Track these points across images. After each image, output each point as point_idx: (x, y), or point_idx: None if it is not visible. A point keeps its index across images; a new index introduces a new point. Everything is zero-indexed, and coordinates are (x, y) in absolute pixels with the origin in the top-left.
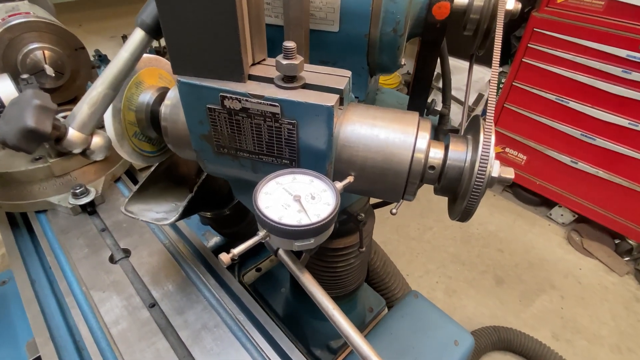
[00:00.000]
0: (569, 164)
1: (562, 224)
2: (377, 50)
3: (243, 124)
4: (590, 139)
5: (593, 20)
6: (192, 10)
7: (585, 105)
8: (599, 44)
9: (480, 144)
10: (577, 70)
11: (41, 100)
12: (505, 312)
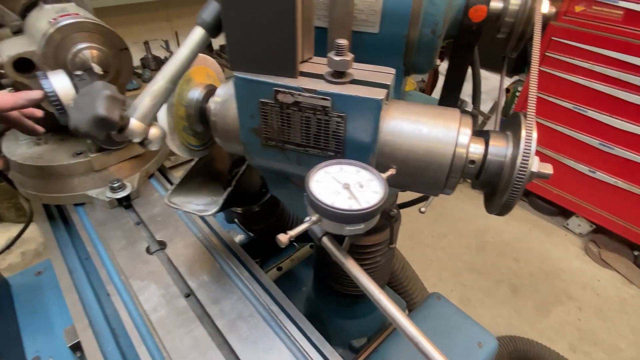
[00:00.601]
0: (587, 173)
1: (579, 234)
2: (414, 50)
3: (293, 118)
4: (609, 148)
5: (612, 30)
6: (254, 12)
7: (604, 114)
8: (617, 52)
9: (522, 140)
10: (595, 79)
11: (111, 91)
12: (521, 322)
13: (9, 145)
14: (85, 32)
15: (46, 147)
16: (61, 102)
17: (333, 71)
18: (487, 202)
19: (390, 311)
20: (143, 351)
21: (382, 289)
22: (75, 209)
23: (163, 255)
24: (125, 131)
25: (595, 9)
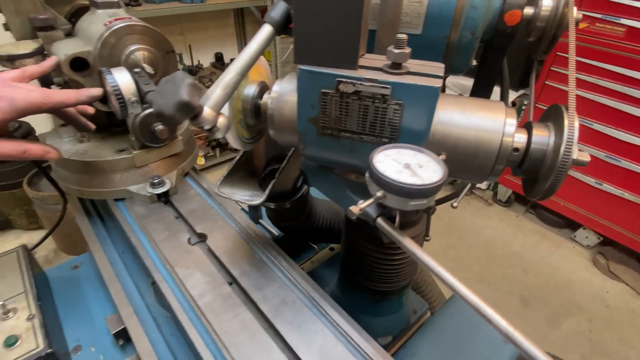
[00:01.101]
0: (593, 185)
1: (587, 246)
2: (454, 51)
3: (352, 106)
4: (615, 160)
5: (615, 46)
6: (324, 10)
7: (610, 127)
8: (621, 67)
9: (566, 129)
10: (600, 93)
11: (192, 80)
12: (532, 333)
13: (53, 143)
14: (137, 35)
15: (89, 145)
16: (123, 95)
17: (391, 63)
18: (527, 188)
19: (451, 281)
20: (194, 334)
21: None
22: (116, 204)
23: (204, 246)
24: (199, 118)
25: (599, 25)
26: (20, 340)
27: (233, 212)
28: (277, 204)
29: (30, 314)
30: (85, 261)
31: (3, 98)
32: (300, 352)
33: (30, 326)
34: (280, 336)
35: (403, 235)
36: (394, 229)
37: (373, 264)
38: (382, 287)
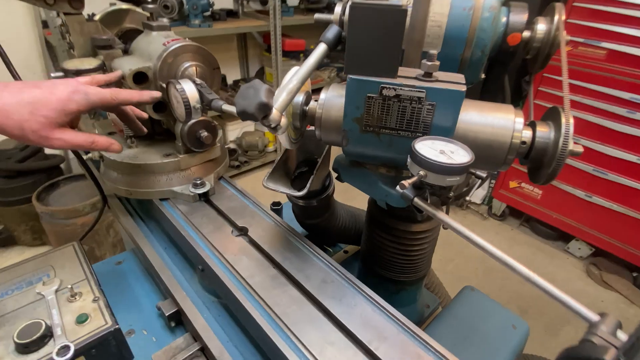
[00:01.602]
0: (583, 198)
1: (580, 257)
2: (466, 66)
3: (392, 107)
4: (602, 174)
5: (597, 67)
6: (372, 31)
7: (596, 142)
8: (603, 87)
9: (563, 126)
10: (585, 110)
11: (267, 86)
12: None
13: None
14: (190, 53)
15: (137, 150)
16: (189, 102)
17: (424, 72)
18: (532, 174)
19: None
20: (249, 306)
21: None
22: (162, 203)
23: (246, 238)
24: (268, 117)
25: (581, 49)
26: (90, 318)
27: (267, 209)
28: (306, 201)
29: (95, 297)
30: (127, 258)
31: (79, 92)
32: (344, 320)
33: (97, 307)
34: (324, 308)
35: (437, 210)
36: (429, 205)
37: (393, 254)
38: (400, 277)
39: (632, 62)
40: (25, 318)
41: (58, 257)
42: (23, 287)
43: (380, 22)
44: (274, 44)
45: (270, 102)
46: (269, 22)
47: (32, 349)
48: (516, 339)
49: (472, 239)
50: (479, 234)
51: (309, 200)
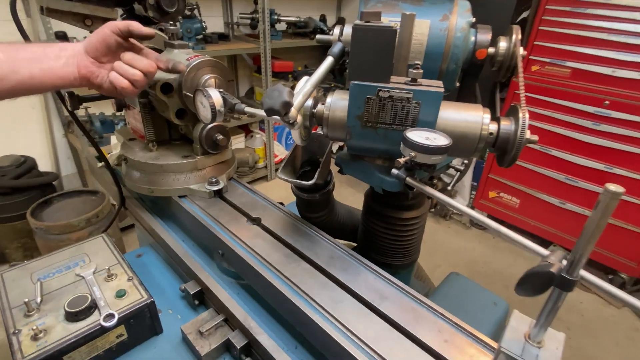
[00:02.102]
0: (558, 205)
1: None
2: (444, 76)
3: (387, 106)
4: (573, 182)
5: (563, 84)
6: (370, 47)
7: (566, 152)
8: (570, 102)
9: (520, 119)
10: (554, 124)
11: (289, 89)
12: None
13: (128, 152)
14: (209, 67)
15: (157, 153)
16: (215, 106)
17: (411, 79)
18: (499, 160)
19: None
20: (270, 277)
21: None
22: (181, 199)
23: (260, 226)
24: (289, 114)
25: (548, 68)
26: (127, 293)
27: (276, 204)
28: (310, 195)
29: (129, 276)
30: (146, 251)
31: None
32: (351, 285)
33: (132, 284)
34: (333, 277)
35: (425, 185)
36: (419, 183)
37: (387, 240)
38: (394, 262)
39: (594, 79)
40: (69, 294)
41: (90, 246)
42: (63, 271)
43: (376, 39)
44: (264, 66)
45: (292, 101)
46: (259, 45)
47: (81, 317)
48: (497, 314)
49: (452, 204)
50: (463, 242)
51: (312, 194)
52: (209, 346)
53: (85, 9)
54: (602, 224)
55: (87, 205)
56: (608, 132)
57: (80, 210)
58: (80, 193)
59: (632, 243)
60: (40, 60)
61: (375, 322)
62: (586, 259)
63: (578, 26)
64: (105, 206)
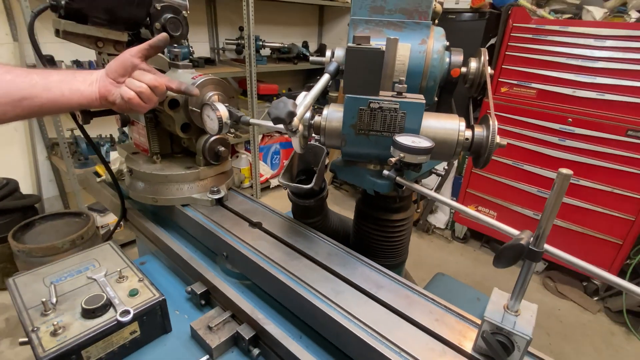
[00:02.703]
0: (532, 216)
1: (536, 271)
2: (424, 92)
3: (377, 116)
4: (544, 194)
5: (530, 104)
6: (362, 66)
7: (536, 167)
8: (538, 120)
9: (491, 127)
10: (525, 140)
11: (293, 101)
12: None
13: (133, 164)
14: (213, 85)
15: (161, 165)
16: (222, 119)
17: (397, 92)
18: (475, 162)
19: (450, 203)
20: (276, 272)
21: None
22: (184, 208)
23: (262, 229)
24: (292, 123)
25: (516, 89)
26: (139, 292)
27: (276, 210)
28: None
29: (140, 278)
30: (149, 260)
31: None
32: (349, 277)
33: (143, 285)
34: (332, 271)
35: (412, 183)
36: (408, 181)
37: (378, 241)
38: (384, 262)
39: (558, 99)
40: (83, 295)
41: (98, 253)
42: (74, 275)
43: (367, 58)
44: (249, 89)
45: (295, 111)
46: (245, 69)
47: (97, 314)
48: (481, 308)
49: (432, 195)
50: (446, 255)
51: (308, 200)
52: (219, 339)
53: (99, 32)
54: (559, 202)
55: (70, 227)
56: (572, 147)
57: (64, 232)
58: (63, 215)
59: (602, 250)
60: (70, 82)
61: (374, 307)
62: (548, 232)
63: (540, 51)
64: (90, 227)
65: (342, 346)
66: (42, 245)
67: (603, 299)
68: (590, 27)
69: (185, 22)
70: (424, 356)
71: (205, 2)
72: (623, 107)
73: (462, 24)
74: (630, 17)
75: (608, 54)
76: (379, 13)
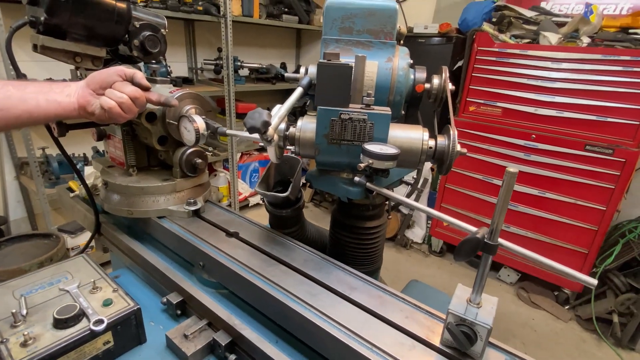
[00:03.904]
0: (503, 229)
1: (510, 283)
2: (391, 106)
3: (347, 125)
4: (513, 207)
5: (496, 122)
6: (332, 81)
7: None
8: (504, 136)
9: (451, 136)
10: (493, 156)
11: (268, 112)
12: None
13: (108, 177)
14: (190, 99)
15: (137, 177)
16: (199, 130)
17: (365, 104)
18: (438, 169)
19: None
20: (253, 279)
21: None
22: (160, 220)
23: (238, 238)
24: (267, 132)
25: (483, 108)
26: (114, 302)
27: (252, 220)
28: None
29: (114, 288)
30: (123, 273)
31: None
32: (324, 280)
33: (117, 295)
34: (308, 275)
35: (382, 188)
36: (377, 186)
37: (353, 249)
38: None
39: (521, 117)
40: (55, 307)
41: (71, 265)
42: (46, 287)
43: (337, 73)
44: (228, 108)
45: (270, 121)
46: (223, 88)
47: (70, 324)
48: None
49: (397, 198)
50: (423, 269)
51: (285, 209)
52: (195, 347)
53: (77, 47)
54: (508, 198)
55: (39, 249)
56: (537, 161)
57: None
58: (31, 237)
59: (571, 259)
60: (47, 93)
61: (347, 307)
62: (501, 227)
63: (504, 73)
64: (60, 249)
65: (317, 346)
66: (7, 268)
67: (574, 308)
68: (547, 51)
69: (163, 39)
70: (394, 351)
71: (183, 23)
72: (580, 124)
73: (431, 48)
74: (582, 42)
75: (564, 75)
76: (348, 33)
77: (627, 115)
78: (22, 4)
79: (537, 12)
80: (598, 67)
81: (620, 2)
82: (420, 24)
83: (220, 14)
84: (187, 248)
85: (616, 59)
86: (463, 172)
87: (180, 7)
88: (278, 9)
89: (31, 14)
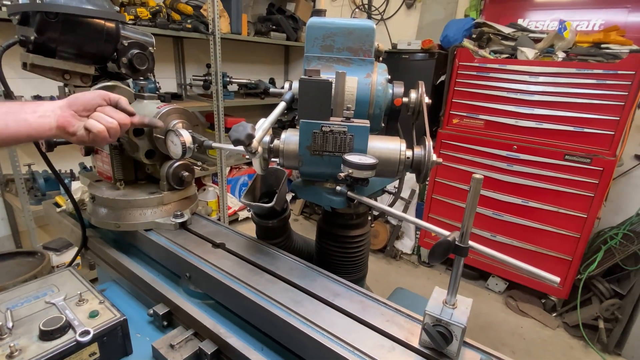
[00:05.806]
0: (490, 238)
1: (498, 292)
2: (371, 119)
3: (328, 137)
4: (499, 216)
5: (478, 133)
6: (313, 95)
7: (490, 191)
8: (487, 148)
9: (427, 147)
10: (476, 167)
11: (252, 125)
12: None
13: (96, 191)
14: (177, 114)
15: (124, 191)
16: (186, 143)
17: (345, 117)
18: (417, 178)
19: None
20: (238, 287)
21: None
22: (147, 232)
23: (225, 249)
24: (251, 145)
25: (466, 120)
26: (100, 314)
27: (239, 231)
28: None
29: (100, 300)
30: (109, 286)
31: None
32: (308, 287)
33: (104, 306)
34: (292, 283)
35: (363, 197)
36: (359, 195)
37: (339, 257)
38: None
39: (503, 129)
40: (41, 319)
41: (57, 279)
42: (31, 300)
43: (317, 88)
44: (217, 123)
45: (254, 134)
46: (212, 103)
47: (56, 336)
48: None
49: (377, 206)
50: (413, 280)
51: (272, 220)
52: (181, 356)
53: (66, 65)
54: (475, 203)
55: (23, 267)
56: (519, 171)
57: (16, 273)
58: (15, 255)
59: (555, 267)
60: (16, 113)
61: (331, 313)
62: (470, 230)
63: (485, 86)
64: (45, 267)
65: (301, 352)
66: None
67: (561, 315)
68: (525, 65)
69: (151, 57)
70: (375, 353)
71: (173, 40)
72: (559, 135)
73: (415, 63)
74: (558, 56)
75: (541, 88)
76: (329, 51)
77: (602, 126)
78: (12, 23)
79: (514, 29)
80: (573, 80)
81: (592, 18)
82: (404, 40)
83: (209, 32)
84: (174, 260)
85: (590, 73)
86: (448, 183)
87: (169, 24)
88: (266, 26)
89: (21, 34)
